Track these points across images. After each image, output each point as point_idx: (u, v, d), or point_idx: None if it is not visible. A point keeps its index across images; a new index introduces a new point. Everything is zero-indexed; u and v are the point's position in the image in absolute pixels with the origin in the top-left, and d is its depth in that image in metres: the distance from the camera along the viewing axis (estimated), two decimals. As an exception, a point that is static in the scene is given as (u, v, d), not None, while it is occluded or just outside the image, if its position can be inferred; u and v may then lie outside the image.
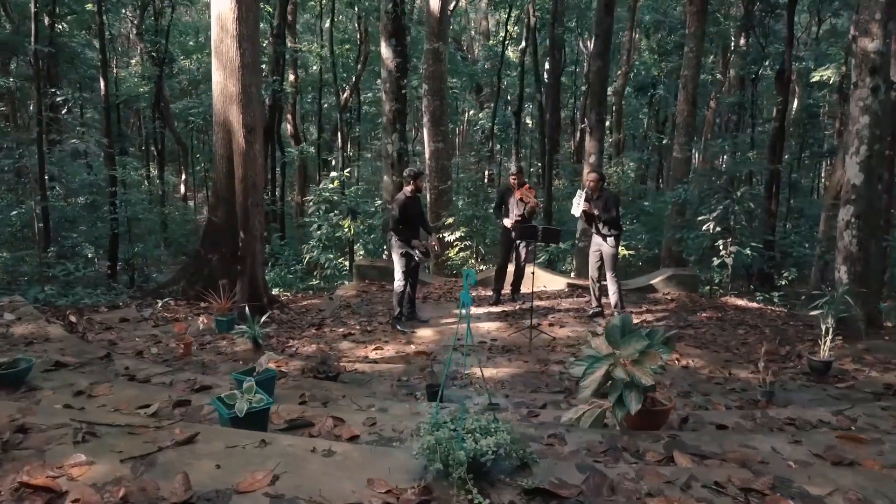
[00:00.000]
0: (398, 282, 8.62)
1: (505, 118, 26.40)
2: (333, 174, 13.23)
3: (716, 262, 10.53)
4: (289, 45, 20.58)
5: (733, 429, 3.70)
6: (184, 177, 29.22)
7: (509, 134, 26.39)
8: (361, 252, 13.23)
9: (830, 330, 5.93)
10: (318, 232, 12.90)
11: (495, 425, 2.27)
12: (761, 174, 14.47)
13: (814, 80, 21.83)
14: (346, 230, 12.40)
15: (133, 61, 30.16)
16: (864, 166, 7.55)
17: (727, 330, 8.85)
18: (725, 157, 19.06)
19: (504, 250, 9.63)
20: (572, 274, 12.06)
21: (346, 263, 14.66)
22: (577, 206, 8.48)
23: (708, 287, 10.89)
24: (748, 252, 10.68)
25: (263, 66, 20.31)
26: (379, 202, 13.11)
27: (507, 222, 9.34)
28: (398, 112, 12.22)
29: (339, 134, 19.84)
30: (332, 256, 12.76)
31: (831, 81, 22.05)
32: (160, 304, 8.31)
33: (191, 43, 28.24)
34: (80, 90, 23.15)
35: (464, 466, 2.04)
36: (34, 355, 4.62)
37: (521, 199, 9.23)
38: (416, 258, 8.63)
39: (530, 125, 30.70)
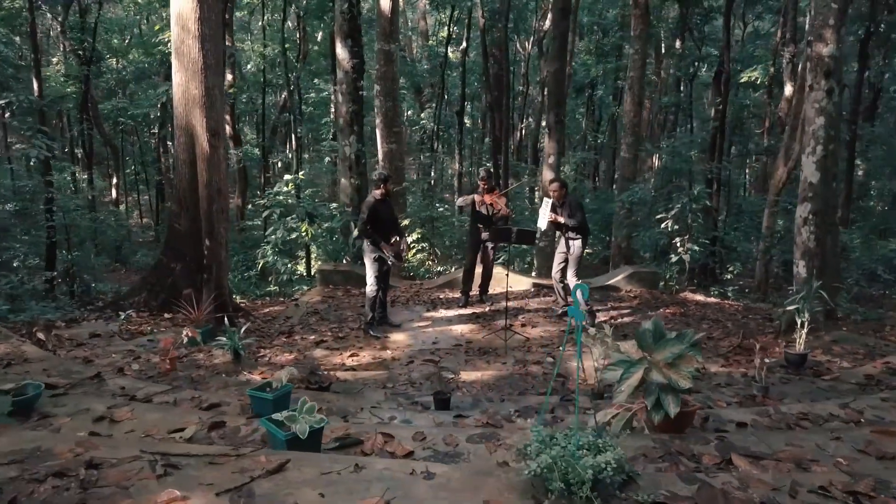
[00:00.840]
0: (370, 286, 8.50)
1: (447, 119, 26.45)
2: (287, 177, 12.92)
3: (674, 259, 10.87)
4: (227, 43, 20.01)
5: (752, 426, 3.81)
6: (115, 180, 28.02)
7: (451, 134, 26.47)
8: (321, 257, 12.99)
9: (805, 323, 6.18)
10: (273, 237, 12.58)
11: (601, 441, 2.26)
12: (702, 173, 14.95)
13: (742, 80, 22.77)
14: (303, 234, 12.14)
15: (55, 60, 28.73)
16: (821, 165, 7.91)
17: (692, 325, 9.12)
18: (663, 156, 19.63)
19: (472, 252, 9.65)
20: (533, 273, 12.19)
21: (301, 268, 14.38)
22: (543, 217, 8.53)
23: (664, 283, 11.19)
24: (697, 248, 11.05)
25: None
26: (335, 205, 12.90)
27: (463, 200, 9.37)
28: (355, 113, 12.06)
29: (292, 136, 19.39)
30: (288, 262, 12.48)
31: (758, 82, 23.09)
32: (123, 317, 7.94)
33: (115, 41, 27.07)
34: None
35: (587, 485, 2.01)
36: (16, 377, 4.34)
37: (490, 205, 9.26)
38: (389, 262, 8.54)
39: (469, 125, 30.86)
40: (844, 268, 11.28)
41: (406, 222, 13.56)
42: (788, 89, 20.19)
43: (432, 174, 22.55)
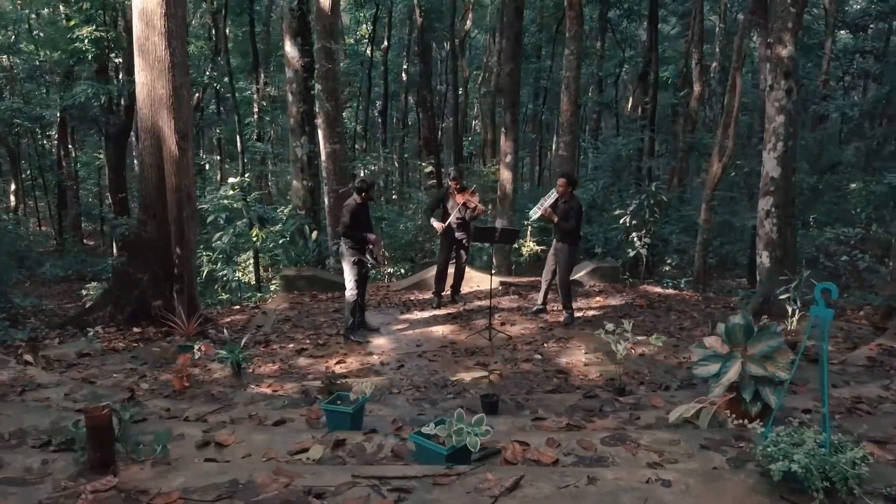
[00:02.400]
0: (350, 291, 8.33)
1: (369, 119, 26.24)
2: (232, 180, 12.40)
3: (631, 253, 11.25)
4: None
5: (815, 412, 4.01)
6: (13, 186, 26.00)
7: (374, 134, 26.27)
8: (273, 262, 12.56)
9: (797, 311, 6.57)
10: (218, 242, 12.07)
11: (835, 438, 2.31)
12: (639, 170, 15.58)
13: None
14: (253, 239, 11.71)
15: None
16: (781, 161, 8.42)
17: (661, 316, 9.47)
18: (590, 153, 20.29)
19: (444, 252, 9.62)
20: (493, 272, 12.23)
21: (241, 275, 13.83)
22: (539, 209, 8.52)
23: (625, 277, 11.58)
24: (650, 242, 11.51)
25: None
26: (285, 208, 12.49)
27: (437, 224, 9.36)
28: (306, 114, 11.73)
29: (238, 137, 18.60)
30: (238, 268, 12.00)
31: (670, 81, 24.27)
32: (91, 334, 7.39)
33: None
34: None
35: (852, 481, 2.06)
36: (40, 405, 3.99)
37: (464, 204, 9.27)
38: (369, 265, 8.41)
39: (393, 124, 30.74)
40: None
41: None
42: (697, 89, 21.40)
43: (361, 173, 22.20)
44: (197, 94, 25.10)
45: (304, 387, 6.12)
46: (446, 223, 9.33)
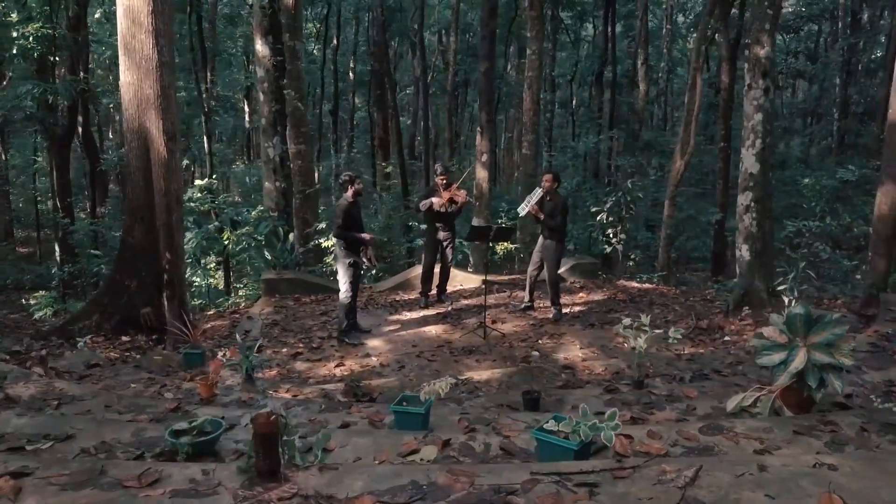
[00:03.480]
0: (345, 293, 8.25)
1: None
2: (199, 182, 12.05)
3: (608, 249, 11.51)
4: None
5: (858, 397, 4.23)
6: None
7: (325, 134, 25.94)
8: (249, 266, 12.26)
9: (794, 301, 6.87)
10: (186, 246, 11.70)
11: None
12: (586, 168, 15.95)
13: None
14: (224, 242, 11.41)
15: None
16: (760, 157, 8.77)
17: (644, 310, 9.69)
18: (544, 153, 20.60)
19: (430, 252, 9.62)
20: (470, 269, 12.33)
21: (199, 279, 13.45)
22: (526, 206, 8.63)
23: (601, 274, 11.81)
24: (625, 237, 11.81)
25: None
26: (253, 210, 12.20)
27: (434, 201, 9.24)
28: (279, 113, 11.49)
29: (206, 139, 18.01)
30: (208, 272, 11.68)
31: (617, 81, 24.91)
32: (81, 344, 7.08)
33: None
34: None
35: None
36: (86, 419, 3.83)
37: (450, 200, 9.30)
38: (365, 266, 8.35)
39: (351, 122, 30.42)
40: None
41: (322, 225, 13.20)
42: (643, 88, 22.06)
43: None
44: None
45: (325, 390, 6.05)
46: (434, 224, 9.35)
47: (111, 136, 29.74)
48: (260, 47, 11.37)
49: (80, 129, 18.17)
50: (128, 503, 2.06)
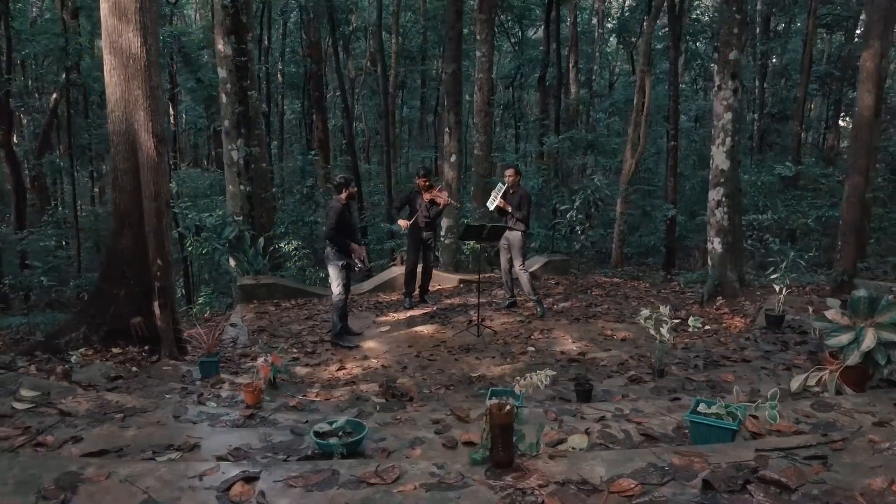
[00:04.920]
0: (338, 295, 8.20)
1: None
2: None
3: (577, 246, 11.84)
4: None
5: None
6: None
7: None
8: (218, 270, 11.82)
9: (784, 289, 7.30)
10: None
11: None
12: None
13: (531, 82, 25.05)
14: (188, 249, 11.00)
15: None
16: (730, 154, 9.28)
17: (622, 303, 10.08)
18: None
19: (413, 253, 9.65)
20: (440, 267, 12.36)
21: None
22: (494, 200, 8.84)
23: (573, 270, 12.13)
24: (593, 234, 12.19)
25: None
26: (211, 216, 11.80)
27: (402, 222, 9.43)
28: (242, 115, 11.16)
29: (175, 139, 17.11)
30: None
31: (548, 84, 25.55)
32: (75, 358, 6.69)
33: None
34: None
35: None
36: (163, 429, 3.71)
37: (432, 201, 9.36)
38: (357, 268, 8.29)
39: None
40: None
41: (282, 229, 12.96)
42: (574, 90, 22.76)
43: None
44: (54, 96, 23.12)
45: (354, 392, 5.98)
46: (412, 220, 9.39)
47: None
48: (221, 47, 11.03)
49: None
50: (385, 499, 2.04)
